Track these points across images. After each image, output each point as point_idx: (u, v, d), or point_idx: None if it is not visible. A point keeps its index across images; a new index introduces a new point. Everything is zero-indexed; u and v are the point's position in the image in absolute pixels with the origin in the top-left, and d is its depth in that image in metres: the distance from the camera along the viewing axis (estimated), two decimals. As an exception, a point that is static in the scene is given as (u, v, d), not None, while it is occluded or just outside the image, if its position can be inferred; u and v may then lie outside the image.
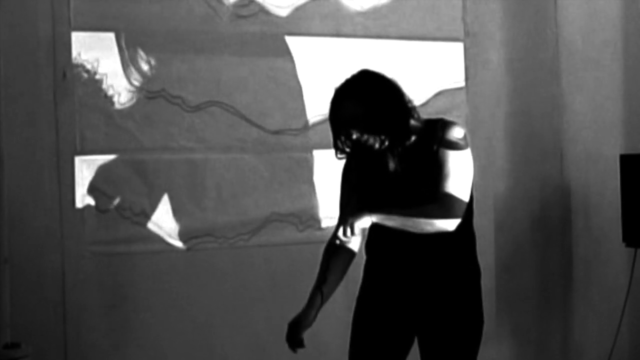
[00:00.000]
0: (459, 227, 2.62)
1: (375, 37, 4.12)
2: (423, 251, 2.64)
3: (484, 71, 4.39)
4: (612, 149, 4.33)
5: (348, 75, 2.66)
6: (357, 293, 2.87)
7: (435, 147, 2.59)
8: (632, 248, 4.12)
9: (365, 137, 2.54)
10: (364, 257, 2.85)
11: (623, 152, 4.23)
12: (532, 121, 4.50)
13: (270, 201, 3.93)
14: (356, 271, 2.86)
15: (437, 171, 2.57)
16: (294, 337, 2.72)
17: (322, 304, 2.74)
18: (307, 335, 2.74)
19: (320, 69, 3.96)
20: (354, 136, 2.54)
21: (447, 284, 2.67)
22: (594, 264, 4.51)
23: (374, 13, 4.12)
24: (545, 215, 4.55)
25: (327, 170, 3.78)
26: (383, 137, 2.54)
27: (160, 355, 3.73)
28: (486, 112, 4.40)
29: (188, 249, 3.80)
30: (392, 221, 2.55)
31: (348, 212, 2.62)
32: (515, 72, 4.46)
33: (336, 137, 2.59)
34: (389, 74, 2.67)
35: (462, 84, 4.34)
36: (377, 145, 2.55)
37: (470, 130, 4.32)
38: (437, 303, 2.67)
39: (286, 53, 3.97)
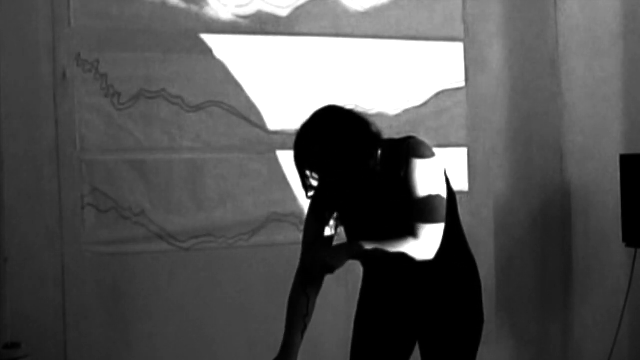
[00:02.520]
0: (450, 227, 2.61)
1: (375, 37, 4.12)
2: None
3: (484, 71, 4.39)
4: (612, 149, 4.33)
5: (312, 112, 2.61)
6: (356, 294, 2.86)
7: (402, 173, 2.53)
8: (632, 248, 4.12)
9: (329, 176, 2.50)
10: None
11: (623, 152, 4.23)
12: (532, 121, 4.50)
13: (270, 201, 3.93)
14: (355, 271, 2.86)
15: (407, 184, 2.52)
16: None
17: None
18: (305, 333, 2.72)
19: (320, 69, 3.96)
20: (320, 175, 2.51)
21: (445, 285, 2.65)
22: (594, 264, 4.51)
23: (374, 13, 4.12)
24: (545, 215, 4.55)
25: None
26: (345, 175, 2.50)
27: (160, 354, 3.73)
28: (486, 112, 4.40)
29: (188, 249, 3.80)
30: (365, 257, 2.53)
31: (324, 249, 2.56)
32: (515, 72, 4.46)
33: (303, 177, 2.55)
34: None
35: (462, 84, 4.34)
36: (340, 182, 2.51)
37: (470, 130, 4.33)
38: (437, 306, 2.65)
39: (286, 53, 3.97)
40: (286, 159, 3.94)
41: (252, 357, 3.86)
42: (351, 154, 2.49)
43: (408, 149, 2.54)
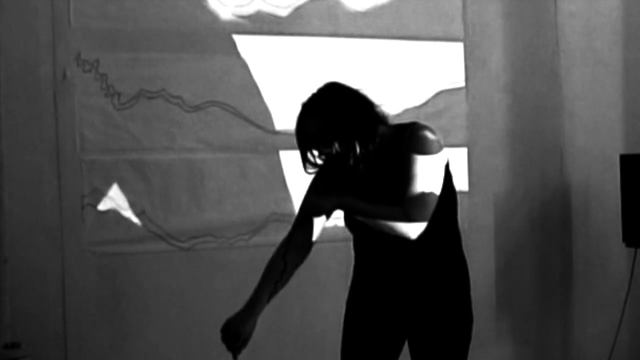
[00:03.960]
0: (444, 226, 2.61)
1: (374, 37, 4.12)
2: (410, 252, 2.62)
3: (484, 71, 4.39)
4: (612, 149, 4.33)
5: (315, 90, 2.63)
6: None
7: (402, 152, 2.55)
8: (632, 248, 4.12)
9: (333, 151, 2.53)
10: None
11: (623, 152, 4.23)
12: (532, 121, 4.50)
13: (270, 201, 3.93)
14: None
15: (403, 176, 2.54)
16: (234, 345, 2.65)
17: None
18: (306, 333, 2.72)
19: (320, 69, 3.96)
20: (320, 151, 2.54)
21: (434, 284, 2.66)
22: (594, 264, 4.51)
23: (374, 13, 4.12)
24: (545, 215, 4.55)
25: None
26: (349, 150, 2.52)
27: (160, 354, 3.73)
28: (486, 112, 4.40)
29: (188, 249, 3.80)
30: (353, 210, 2.56)
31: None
32: (515, 72, 4.46)
33: (303, 151, 2.59)
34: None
35: (462, 84, 4.34)
36: (347, 156, 2.53)
37: (470, 130, 4.33)
38: (426, 304, 2.65)
39: (286, 53, 3.97)
40: (286, 159, 3.95)
41: (252, 356, 3.86)
42: (352, 131, 2.51)
43: (410, 138, 2.55)
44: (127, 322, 3.69)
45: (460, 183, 4.18)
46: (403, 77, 4.19)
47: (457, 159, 4.27)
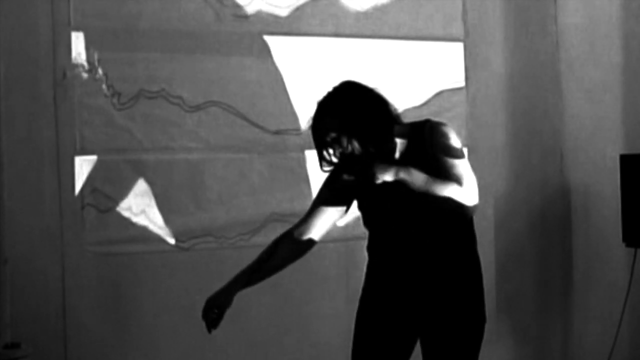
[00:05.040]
0: (461, 226, 2.62)
1: (375, 37, 4.12)
2: (424, 252, 2.63)
3: (484, 71, 4.39)
4: (612, 149, 4.33)
5: (330, 88, 2.65)
6: (357, 291, 2.86)
7: (429, 152, 2.57)
8: (632, 248, 4.11)
9: (349, 149, 2.53)
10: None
11: (623, 152, 4.22)
12: (532, 121, 4.51)
13: (270, 201, 3.93)
14: (356, 270, 2.86)
15: (445, 175, 2.55)
16: (208, 315, 2.75)
17: (244, 288, 2.78)
18: (306, 333, 2.71)
19: (320, 69, 3.96)
20: (337, 150, 2.54)
21: (449, 284, 2.67)
22: (594, 264, 4.51)
23: (374, 13, 4.12)
24: (545, 215, 4.55)
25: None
26: (366, 149, 2.53)
27: (160, 355, 3.73)
28: (486, 112, 4.40)
29: (188, 249, 3.80)
30: (413, 182, 2.53)
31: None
32: (515, 72, 4.46)
33: (320, 150, 2.59)
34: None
35: (462, 84, 4.34)
36: (362, 155, 2.54)
37: (470, 130, 4.34)
38: (439, 303, 2.67)
39: (286, 53, 3.97)
40: (286, 159, 3.95)
41: (252, 356, 3.86)
42: (368, 130, 2.52)
43: (432, 137, 2.58)
44: (127, 322, 3.69)
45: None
46: (403, 77, 4.19)
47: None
